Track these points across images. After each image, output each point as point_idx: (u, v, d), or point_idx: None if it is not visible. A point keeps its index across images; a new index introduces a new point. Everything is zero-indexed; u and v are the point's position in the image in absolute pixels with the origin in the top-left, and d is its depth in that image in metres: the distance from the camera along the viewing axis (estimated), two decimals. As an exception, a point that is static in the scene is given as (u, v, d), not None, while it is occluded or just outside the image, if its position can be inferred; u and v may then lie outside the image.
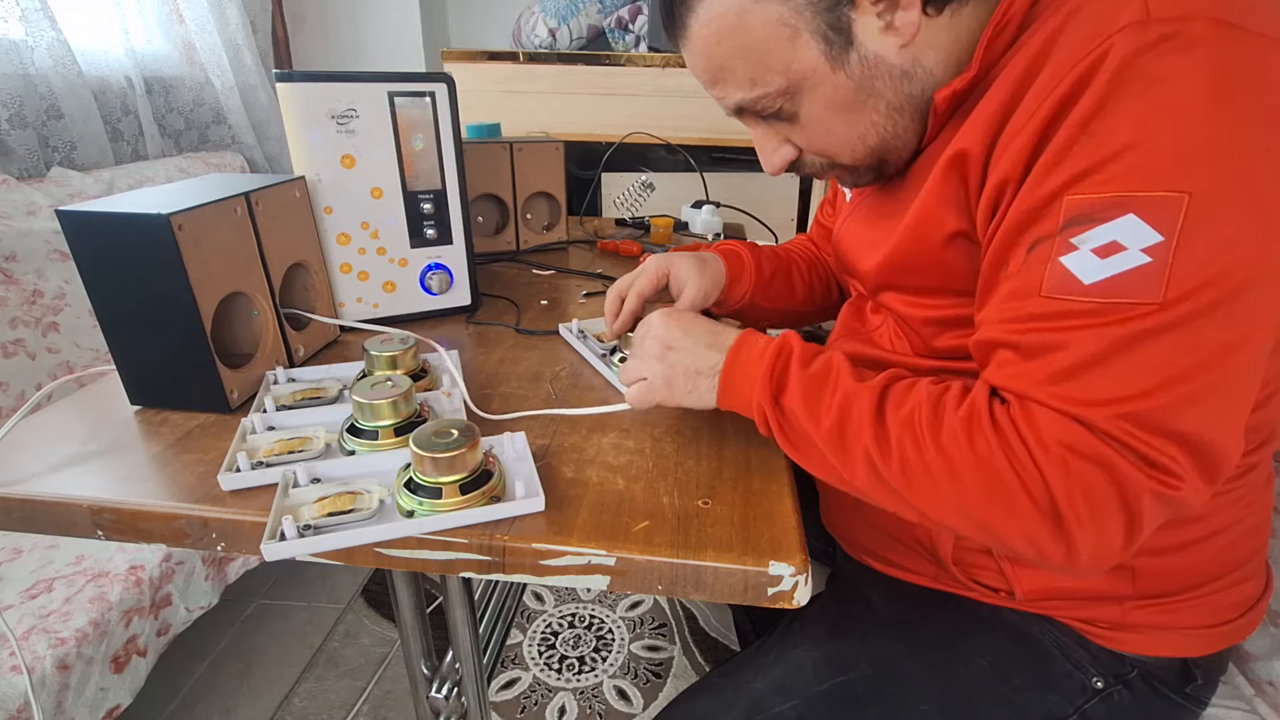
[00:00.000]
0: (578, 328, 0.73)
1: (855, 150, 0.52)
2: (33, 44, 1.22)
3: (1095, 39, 0.38)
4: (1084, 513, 0.38)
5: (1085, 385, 0.38)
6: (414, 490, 0.45)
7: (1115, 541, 0.39)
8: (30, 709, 0.72)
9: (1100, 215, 0.37)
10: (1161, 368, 0.37)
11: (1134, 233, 0.36)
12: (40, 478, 0.49)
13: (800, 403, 0.46)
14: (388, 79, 0.69)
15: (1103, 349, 0.38)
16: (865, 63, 0.47)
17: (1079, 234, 0.38)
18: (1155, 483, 0.37)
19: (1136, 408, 0.37)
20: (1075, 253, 0.38)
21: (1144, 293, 0.37)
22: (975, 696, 0.56)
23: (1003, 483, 0.39)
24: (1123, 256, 0.37)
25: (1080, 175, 0.38)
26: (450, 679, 0.86)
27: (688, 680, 1.27)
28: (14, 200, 1.11)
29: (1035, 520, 0.39)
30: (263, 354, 0.63)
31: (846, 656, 0.59)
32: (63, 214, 0.52)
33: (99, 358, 1.17)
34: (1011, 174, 0.42)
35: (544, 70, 1.65)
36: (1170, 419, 0.37)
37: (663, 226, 1.20)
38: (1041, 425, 0.39)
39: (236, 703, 1.21)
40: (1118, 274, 0.37)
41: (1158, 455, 0.37)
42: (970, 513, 0.41)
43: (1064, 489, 0.38)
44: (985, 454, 0.40)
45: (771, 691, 0.59)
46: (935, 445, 0.41)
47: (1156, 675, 0.55)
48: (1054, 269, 0.39)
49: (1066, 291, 0.39)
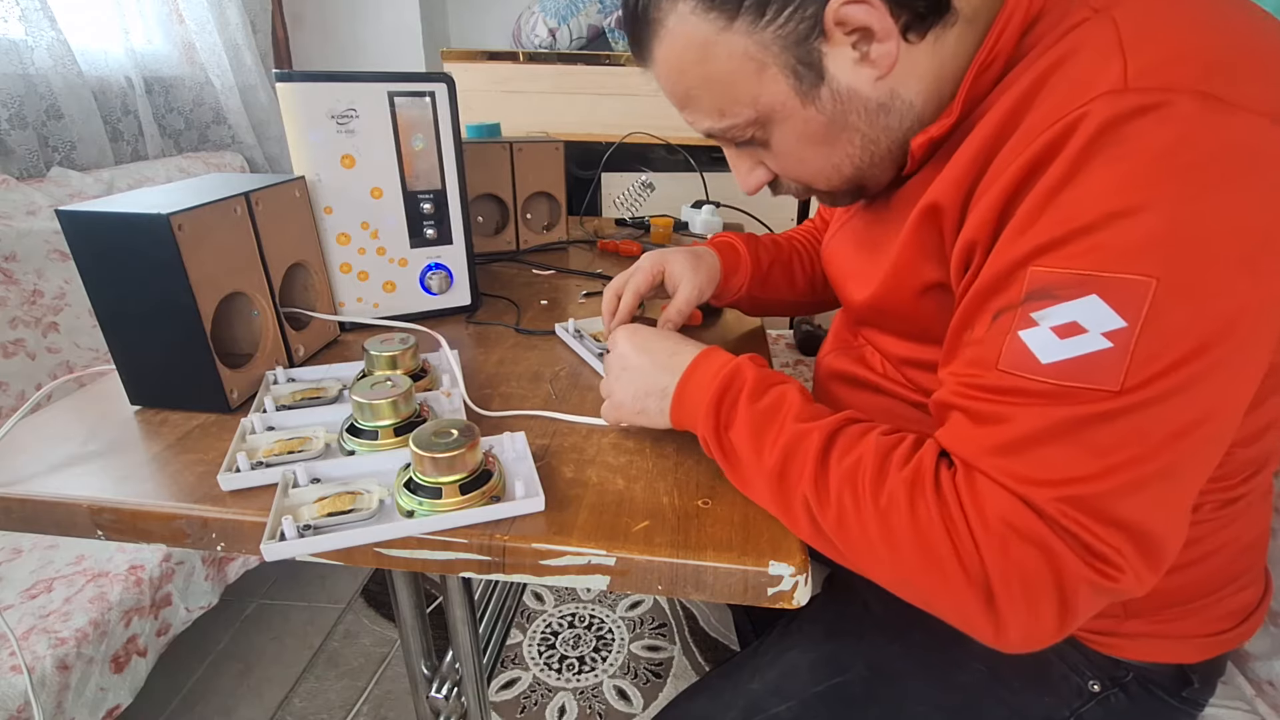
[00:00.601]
0: (574, 327, 0.73)
1: (830, 179, 0.51)
2: (32, 44, 1.22)
3: (1072, 102, 0.36)
4: (1018, 595, 0.37)
5: (1029, 462, 0.37)
6: (414, 490, 0.45)
7: (1048, 626, 0.37)
8: (30, 709, 0.72)
9: (1062, 293, 0.36)
10: (1109, 453, 0.35)
11: (1096, 315, 0.35)
12: (40, 478, 0.49)
13: (746, 438, 0.45)
14: (388, 79, 0.69)
15: (1051, 427, 0.36)
16: (838, 97, 0.45)
17: (1040, 309, 0.37)
18: (1094, 572, 0.36)
19: (1080, 491, 0.36)
20: (1035, 329, 0.37)
21: (1101, 379, 0.35)
22: (972, 699, 0.56)
23: (938, 553, 0.38)
24: (1083, 339, 0.35)
25: (1045, 247, 0.36)
26: (450, 679, 0.86)
27: (687, 680, 1.27)
28: (14, 200, 1.11)
29: (967, 595, 0.38)
30: (262, 354, 0.63)
31: (843, 658, 0.59)
32: (63, 214, 0.52)
33: (99, 358, 1.17)
34: (979, 236, 0.40)
35: (544, 70, 1.65)
36: (1114, 506, 0.36)
37: (663, 226, 1.20)
38: (985, 499, 0.37)
39: (236, 703, 1.21)
40: (1076, 356, 0.35)
41: (1099, 544, 0.36)
42: (903, 576, 0.40)
43: (999, 569, 0.37)
44: (924, 520, 0.38)
45: (768, 692, 0.59)
46: (874, 504, 0.40)
47: (1153, 679, 0.55)
48: (1012, 343, 0.38)
49: (1023, 369, 0.37)
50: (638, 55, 0.50)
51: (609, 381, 0.54)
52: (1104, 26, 0.38)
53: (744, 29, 0.43)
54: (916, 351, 0.53)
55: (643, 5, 0.46)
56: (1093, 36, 0.38)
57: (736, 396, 0.47)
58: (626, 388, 0.52)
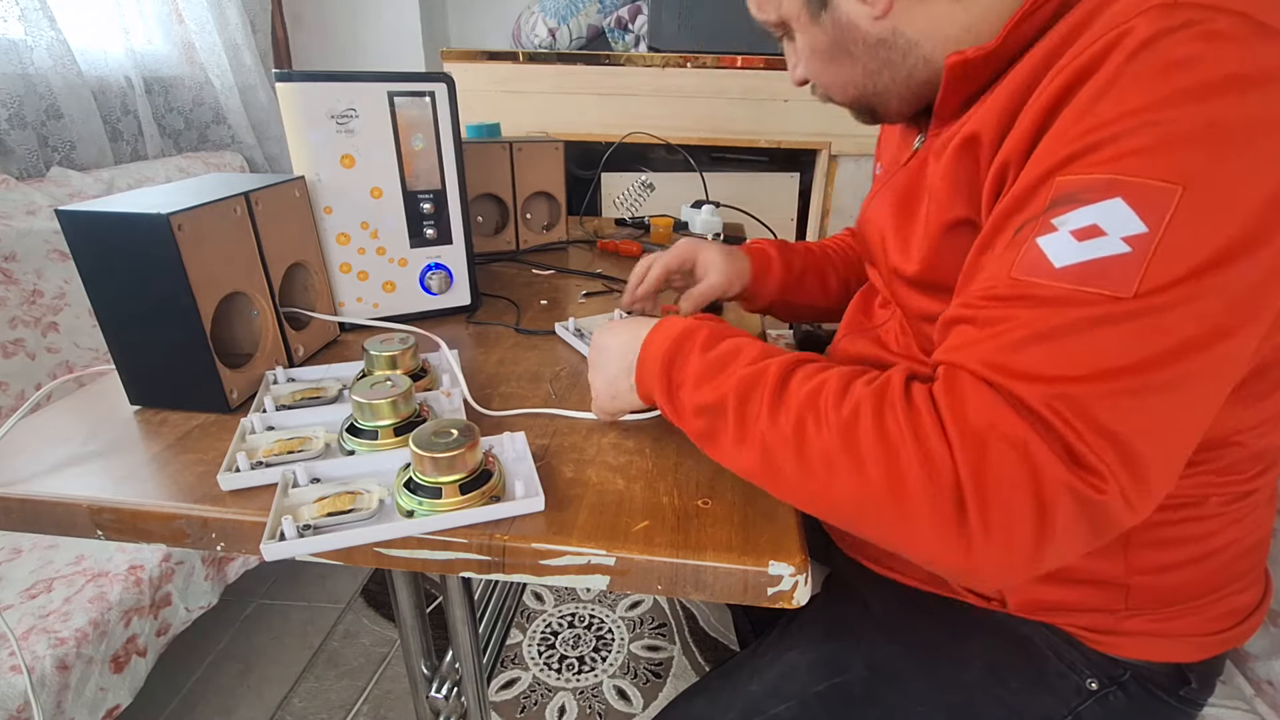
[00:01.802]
0: (574, 326, 0.73)
1: (842, 92, 0.56)
2: (32, 44, 1.22)
3: (1120, 19, 0.36)
4: (992, 503, 0.34)
5: (1025, 359, 0.35)
6: (414, 490, 0.45)
7: (1023, 546, 0.34)
8: (30, 709, 0.72)
9: (1086, 196, 0.35)
10: (1111, 356, 0.34)
11: (1117, 218, 0.34)
12: (40, 478, 0.49)
13: (699, 384, 0.44)
14: (387, 79, 0.69)
15: (1054, 327, 0.35)
16: (839, 24, 0.50)
17: (1061, 214, 0.36)
18: (1076, 479, 0.34)
19: (1074, 391, 0.34)
20: (1054, 234, 0.36)
21: (1115, 284, 0.34)
22: (971, 698, 0.56)
23: (903, 463, 0.36)
24: (1101, 242, 0.35)
25: (1075, 155, 0.36)
26: (450, 679, 0.86)
27: (687, 680, 1.27)
28: (14, 200, 1.11)
29: (933, 511, 0.35)
30: (262, 354, 0.63)
31: (842, 658, 0.59)
32: (62, 214, 0.52)
33: (99, 358, 1.17)
34: (1014, 155, 0.40)
35: (544, 70, 1.65)
36: (1107, 412, 0.34)
37: (663, 226, 1.20)
38: (968, 400, 0.36)
39: (236, 703, 1.21)
40: (1092, 259, 0.35)
41: (1084, 449, 0.34)
42: (863, 498, 0.37)
43: (973, 473, 0.34)
44: (891, 429, 0.36)
45: (767, 693, 0.59)
46: (837, 417, 0.38)
47: (1151, 678, 0.55)
48: (1029, 250, 0.37)
49: (1035, 273, 0.36)
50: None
51: (589, 377, 0.55)
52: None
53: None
54: (934, 305, 0.51)
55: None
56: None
57: (689, 351, 0.46)
58: (600, 375, 0.53)
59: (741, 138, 1.66)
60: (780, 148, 1.69)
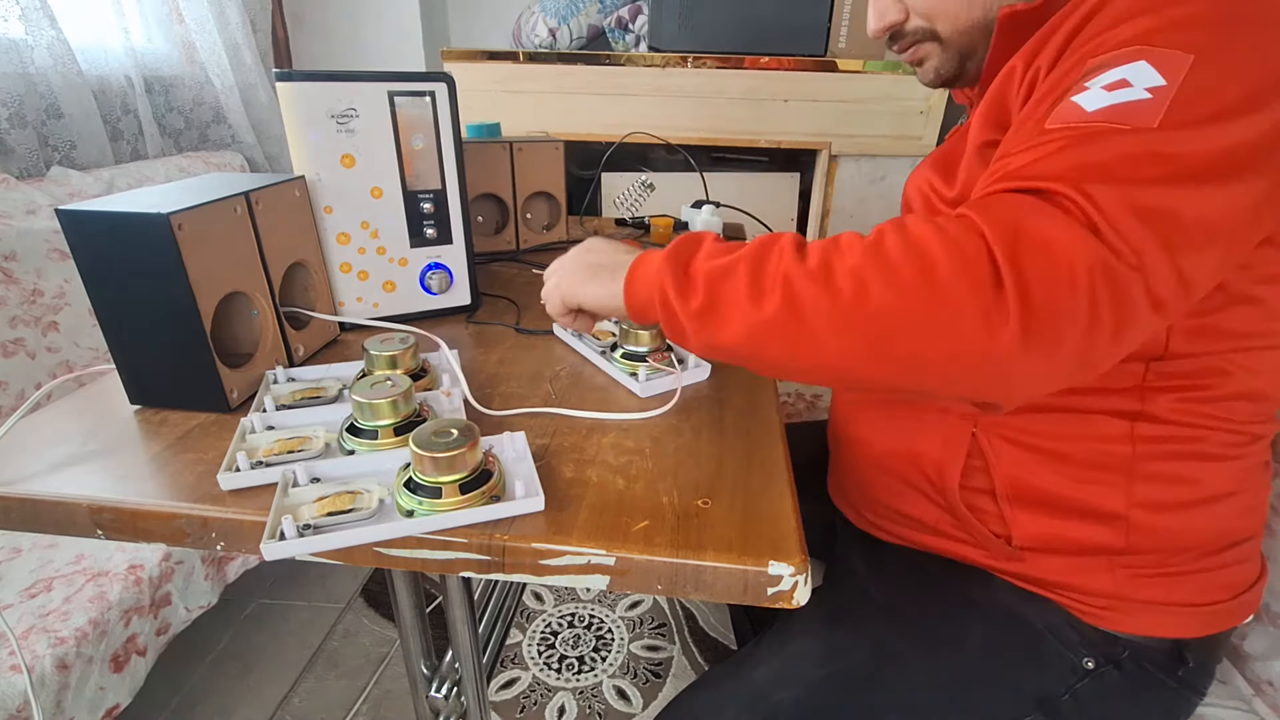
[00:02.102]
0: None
1: (958, 19, 0.56)
2: (32, 43, 1.22)
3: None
4: (1029, 274, 0.35)
5: (1054, 163, 0.39)
6: (414, 490, 0.45)
7: (1061, 319, 0.35)
8: (30, 708, 0.72)
9: (1114, 61, 0.40)
10: (1138, 157, 0.37)
11: (1141, 75, 0.39)
12: (40, 477, 0.49)
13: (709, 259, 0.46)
14: (388, 79, 0.69)
15: (1083, 136, 0.39)
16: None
17: (1092, 78, 0.41)
18: (1108, 251, 0.35)
19: (1104, 175, 0.37)
20: (1084, 92, 0.40)
21: (1141, 119, 0.38)
22: (970, 678, 0.57)
23: (934, 256, 0.37)
24: (1127, 91, 0.39)
25: (1103, 43, 0.41)
26: (450, 679, 0.86)
27: (687, 680, 1.27)
28: (14, 200, 1.11)
29: (971, 293, 0.35)
30: (262, 353, 0.63)
31: (845, 643, 0.60)
32: (62, 213, 0.52)
33: (99, 357, 1.17)
34: (1045, 62, 0.45)
35: (544, 70, 1.65)
36: (1137, 194, 0.37)
37: (663, 226, 1.20)
38: (994, 204, 0.39)
39: (236, 702, 1.21)
40: (1119, 103, 0.39)
41: (1110, 229, 0.36)
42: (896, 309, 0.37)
43: (1007, 251, 0.35)
44: (918, 235, 0.38)
45: (773, 682, 0.60)
46: (862, 244, 0.40)
47: (1148, 656, 0.55)
48: (1063, 105, 0.41)
49: (1068, 119, 0.40)
50: None
51: (557, 276, 0.57)
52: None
53: None
54: None
55: None
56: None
57: (698, 242, 0.48)
58: (580, 263, 0.55)
59: (741, 138, 1.66)
60: (780, 148, 1.69)
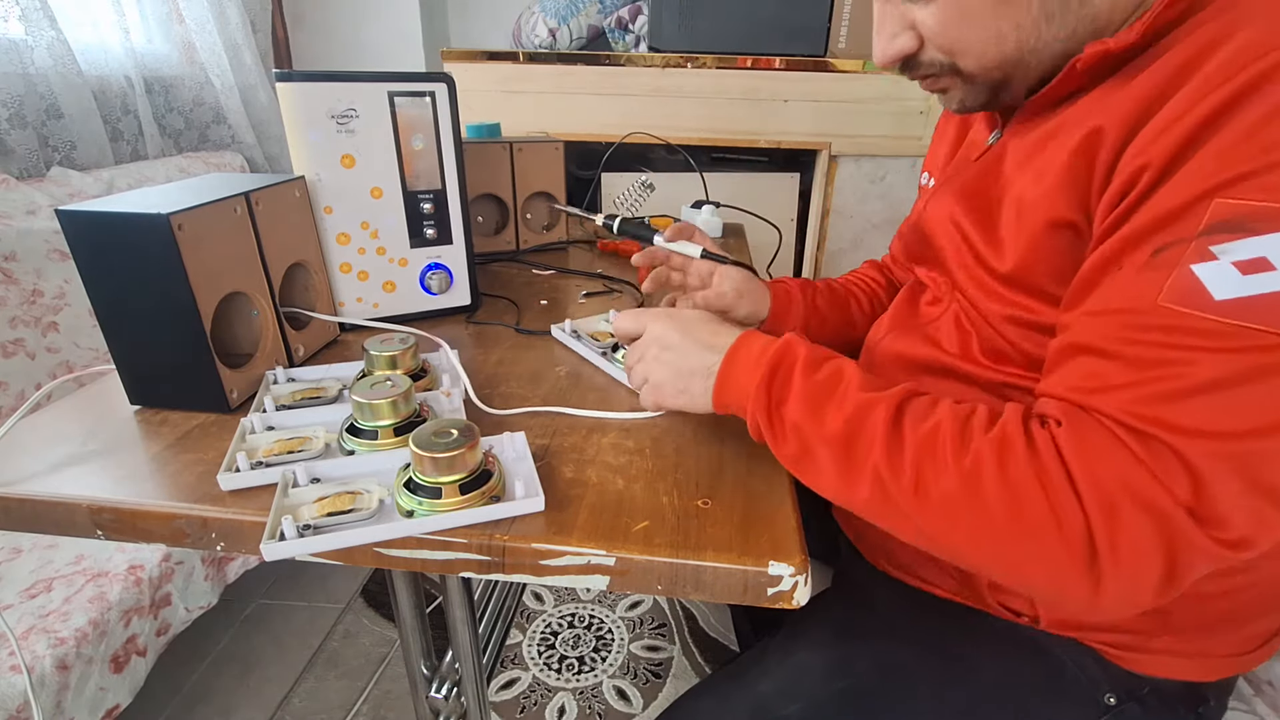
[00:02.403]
0: (570, 327, 0.73)
1: (985, 54, 0.46)
2: (32, 43, 1.22)
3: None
4: (1124, 557, 0.34)
5: (1186, 411, 0.34)
6: (414, 490, 0.45)
7: (1148, 590, 0.35)
8: (30, 709, 0.72)
9: (1253, 225, 0.33)
10: (1275, 406, 0.33)
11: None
12: (40, 478, 0.49)
13: (803, 411, 0.43)
14: (388, 79, 0.69)
15: (1220, 377, 0.33)
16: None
17: (1222, 243, 0.33)
18: (1215, 543, 0.33)
19: (1240, 448, 0.33)
20: (1213, 263, 0.33)
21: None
22: (984, 706, 0.55)
23: (1032, 512, 0.35)
24: (1269, 277, 0.32)
25: (1240, 178, 0.33)
26: (450, 679, 0.86)
27: (687, 680, 1.27)
28: (14, 200, 1.11)
29: (1064, 558, 0.35)
30: (262, 354, 0.63)
31: (853, 660, 0.59)
32: (62, 214, 0.52)
33: (99, 358, 1.17)
34: (1153, 161, 0.37)
35: (544, 70, 1.65)
36: (1263, 471, 0.33)
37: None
38: (1096, 453, 0.35)
39: (236, 703, 1.21)
40: (1258, 294, 0.32)
41: (1234, 511, 0.33)
42: (987, 542, 0.38)
43: (1107, 532, 0.34)
44: (1017, 478, 0.36)
45: (777, 694, 0.59)
46: (957, 466, 0.37)
47: (1170, 695, 0.54)
48: (1181, 275, 0.34)
49: (1191, 304, 0.34)
50: None
51: (645, 365, 0.52)
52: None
53: None
54: (1025, 308, 0.48)
55: None
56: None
57: (790, 371, 0.45)
58: (667, 368, 0.50)
59: (741, 138, 1.65)
60: (780, 148, 1.69)
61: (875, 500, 0.41)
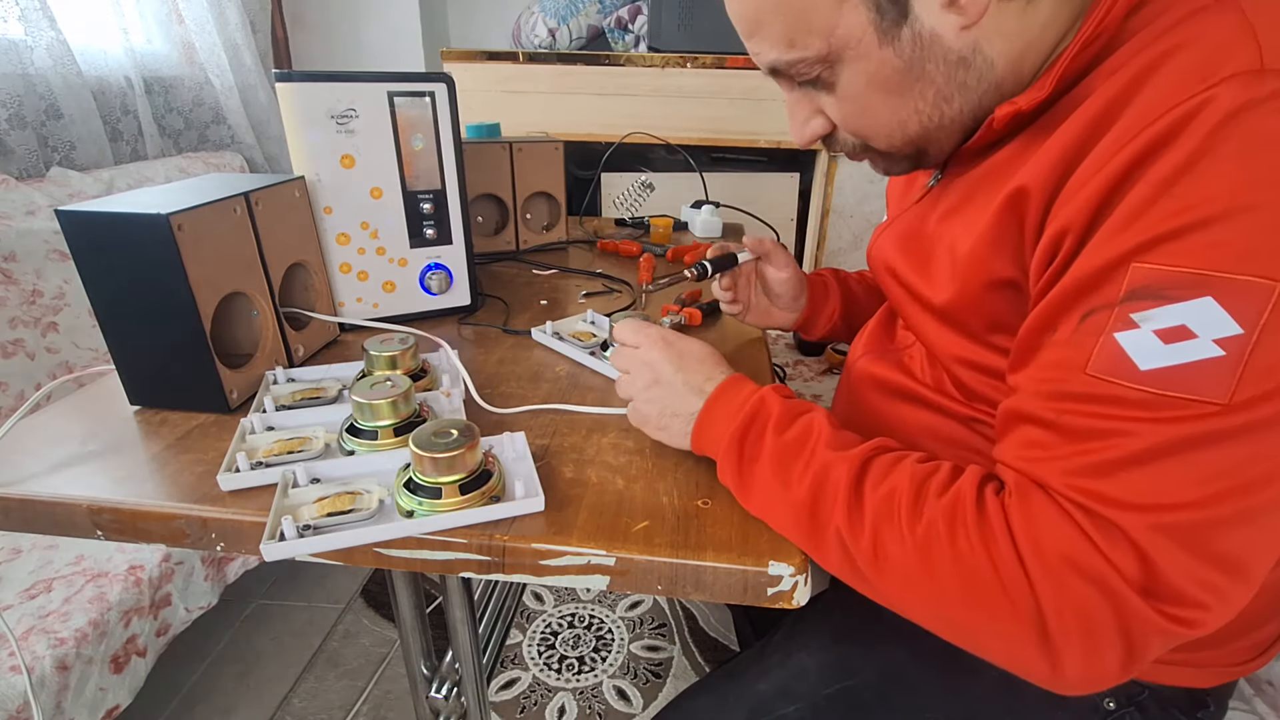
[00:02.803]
0: (552, 330, 0.73)
1: (892, 136, 0.47)
2: (32, 44, 1.22)
3: (1194, 86, 0.32)
4: (1074, 634, 0.34)
5: (1122, 484, 0.33)
6: (414, 490, 0.45)
7: (1110, 669, 0.35)
8: (30, 709, 0.72)
9: (1171, 293, 0.32)
10: (1217, 478, 0.32)
11: (1209, 319, 0.31)
12: (39, 478, 0.49)
13: (772, 471, 0.44)
14: (387, 79, 0.69)
15: (1150, 447, 0.33)
16: (919, 40, 0.41)
17: (1143, 310, 0.33)
18: (1166, 619, 0.33)
19: (1179, 519, 0.32)
20: (1135, 331, 0.33)
21: (1208, 390, 0.31)
22: (984, 710, 0.55)
23: (982, 586, 0.35)
24: (1190, 345, 0.32)
25: (1154, 242, 0.33)
26: (450, 679, 0.86)
27: (687, 680, 1.27)
28: (13, 200, 1.11)
29: (1017, 632, 0.35)
30: (262, 354, 0.63)
31: (852, 662, 0.59)
32: (62, 214, 0.52)
33: (98, 358, 1.17)
34: (1073, 224, 0.36)
35: (544, 70, 1.65)
36: (1217, 538, 0.32)
37: (662, 226, 1.20)
38: (1043, 527, 0.35)
39: (236, 703, 1.21)
40: (1181, 364, 0.32)
41: (1185, 583, 0.32)
42: (946, 613, 0.38)
43: (1055, 606, 0.34)
44: (966, 551, 0.36)
45: (776, 694, 0.59)
46: (911, 535, 0.38)
47: (1169, 700, 0.54)
48: (1106, 345, 0.34)
49: (1117, 374, 0.34)
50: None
51: (637, 389, 0.52)
52: (1229, 12, 0.34)
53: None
54: (974, 351, 0.49)
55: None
56: (1216, 22, 0.34)
57: (762, 429, 0.45)
58: (654, 404, 0.51)
59: (741, 138, 1.65)
60: (780, 148, 1.69)
61: (842, 563, 0.41)
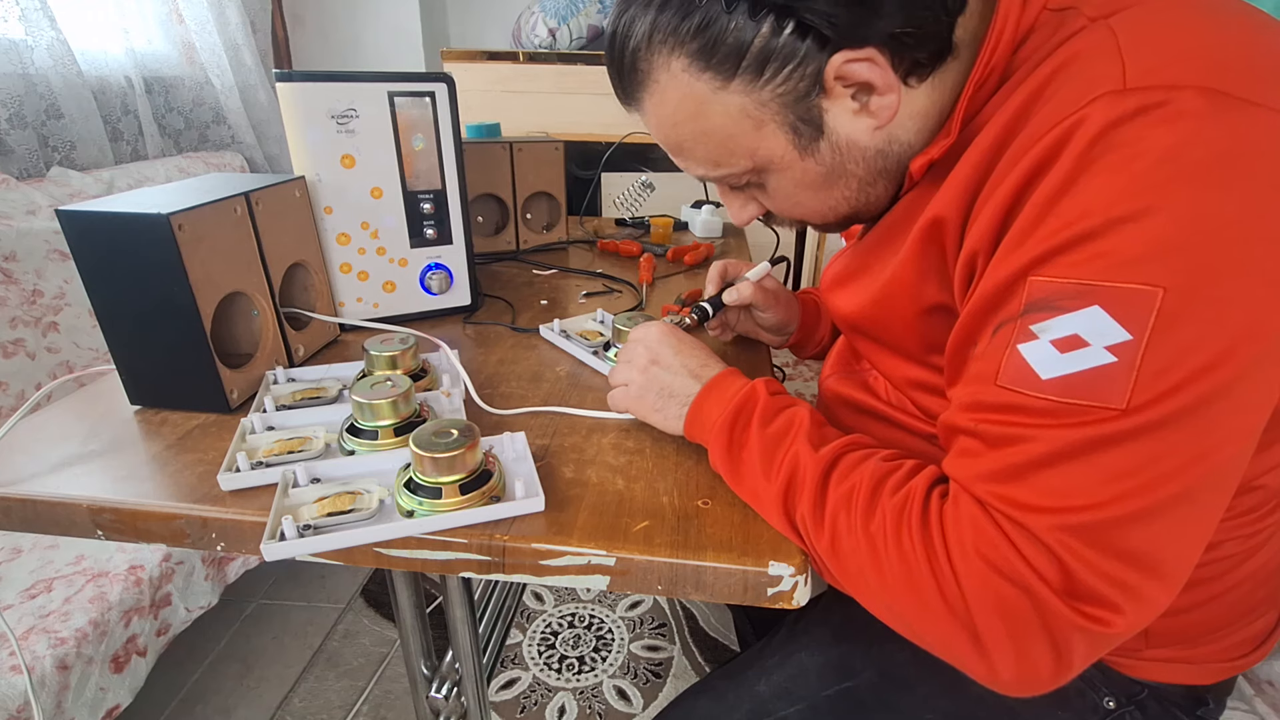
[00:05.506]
0: (559, 327, 0.73)
1: (825, 217, 0.51)
2: (32, 44, 1.22)
3: (1069, 107, 0.34)
4: (1002, 635, 0.35)
5: (1028, 488, 0.35)
6: (414, 490, 0.45)
7: (1043, 671, 0.36)
8: (30, 709, 0.72)
9: (1062, 304, 0.34)
10: (1119, 479, 0.33)
11: (1098, 327, 0.33)
12: (40, 478, 0.49)
13: (757, 459, 0.45)
14: (388, 79, 0.69)
15: (1055, 451, 0.34)
16: (836, 149, 0.45)
17: (1039, 321, 0.35)
18: (1083, 618, 0.34)
19: (1084, 520, 0.33)
20: (1034, 342, 0.35)
21: (1106, 396, 0.33)
22: (984, 709, 0.55)
23: (921, 585, 0.37)
24: (1085, 353, 0.33)
25: (1044, 257, 0.35)
26: (450, 679, 0.86)
27: (687, 680, 1.27)
28: (14, 200, 1.11)
29: (952, 631, 0.36)
30: (262, 354, 0.63)
31: (852, 662, 0.59)
32: (63, 214, 0.52)
33: (99, 358, 1.17)
34: (980, 245, 0.39)
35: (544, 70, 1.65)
36: (1123, 536, 0.33)
37: (662, 226, 1.20)
38: (966, 529, 0.36)
39: (236, 703, 1.21)
40: (1078, 372, 0.33)
41: (1096, 581, 0.33)
42: (892, 607, 0.40)
43: (980, 605, 0.35)
44: (908, 550, 0.37)
45: (775, 695, 0.59)
46: (864, 530, 0.39)
47: (1169, 698, 0.54)
48: (1011, 357, 0.36)
49: (1022, 384, 0.35)
50: (625, 101, 0.49)
51: (630, 370, 0.54)
52: (1101, 33, 0.36)
53: (741, 88, 0.43)
54: (921, 373, 0.51)
55: (630, 56, 0.45)
56: (1090, 43, 0.37)
57: (749, 419, 0.47)
58: (652, 383, 0.52)
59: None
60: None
61: (813, 557, 0.43)
